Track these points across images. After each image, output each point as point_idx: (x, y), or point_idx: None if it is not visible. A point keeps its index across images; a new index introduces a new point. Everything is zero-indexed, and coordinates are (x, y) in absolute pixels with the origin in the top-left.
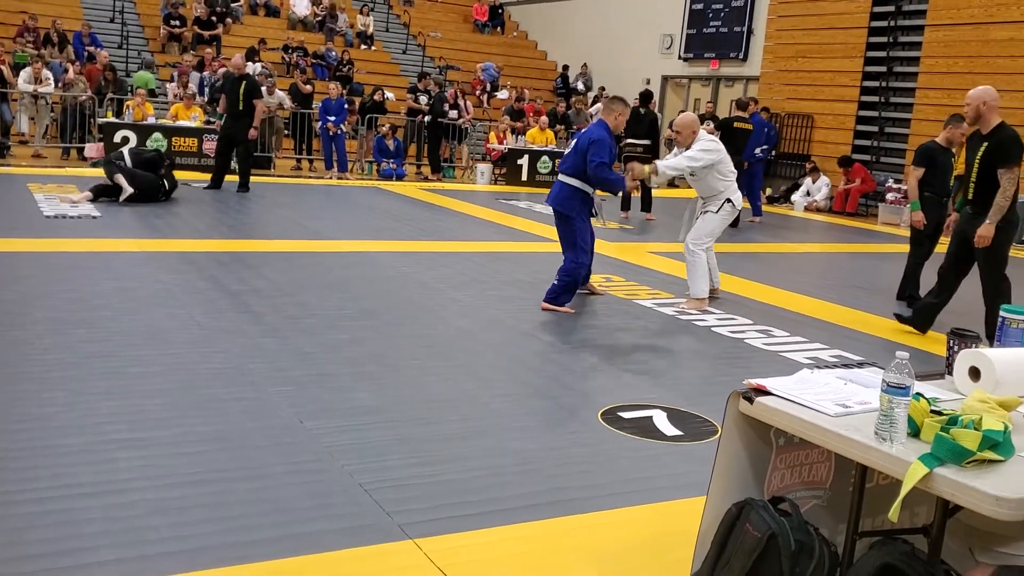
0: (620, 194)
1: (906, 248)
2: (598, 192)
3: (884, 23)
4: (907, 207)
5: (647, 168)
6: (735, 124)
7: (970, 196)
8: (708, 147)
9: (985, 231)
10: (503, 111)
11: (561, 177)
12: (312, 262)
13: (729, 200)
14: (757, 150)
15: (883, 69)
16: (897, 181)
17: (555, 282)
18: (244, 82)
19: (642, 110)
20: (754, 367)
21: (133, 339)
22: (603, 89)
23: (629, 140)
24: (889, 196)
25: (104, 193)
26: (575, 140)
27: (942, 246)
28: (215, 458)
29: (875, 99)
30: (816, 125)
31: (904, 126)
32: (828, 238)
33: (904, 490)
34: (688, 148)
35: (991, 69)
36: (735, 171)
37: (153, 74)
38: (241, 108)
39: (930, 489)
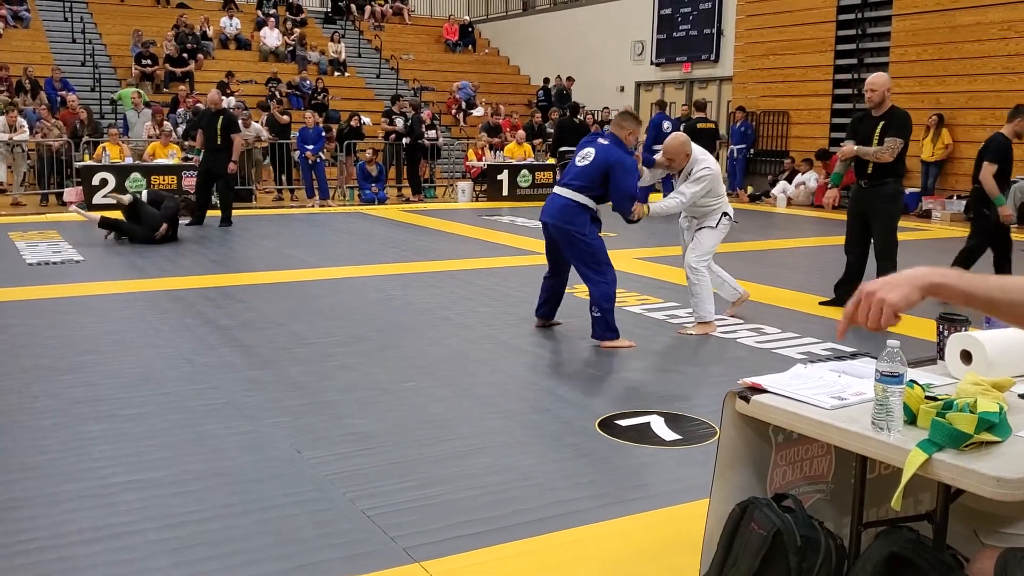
0: None
1: None
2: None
3: (852, 16)
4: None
5: (645, 209)
6: (699, 125)
7: (869, 171)
8: (700, 175)
9: (847, 149)
10: (480, 128)
11: (565, 192)
12: (299, 291)
13: (726, 213)
14: (734, 150)
15: (854, 61)
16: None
17: (595, 315)
18: (221, 117)
19: (575, 120)
20: (748, 366)
21: (124, 381)
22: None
23: (564, 148)
24: None
25: (106, 226)
26: (590, 153)
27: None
28: (216, 494)
29: (848, 91)
30: (792, 121)
31: None
32: (812, 232)
33: (904, 478)
34: (681, 172)
35: (960, 54)
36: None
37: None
38: (219, 143)
39: (930, 475)
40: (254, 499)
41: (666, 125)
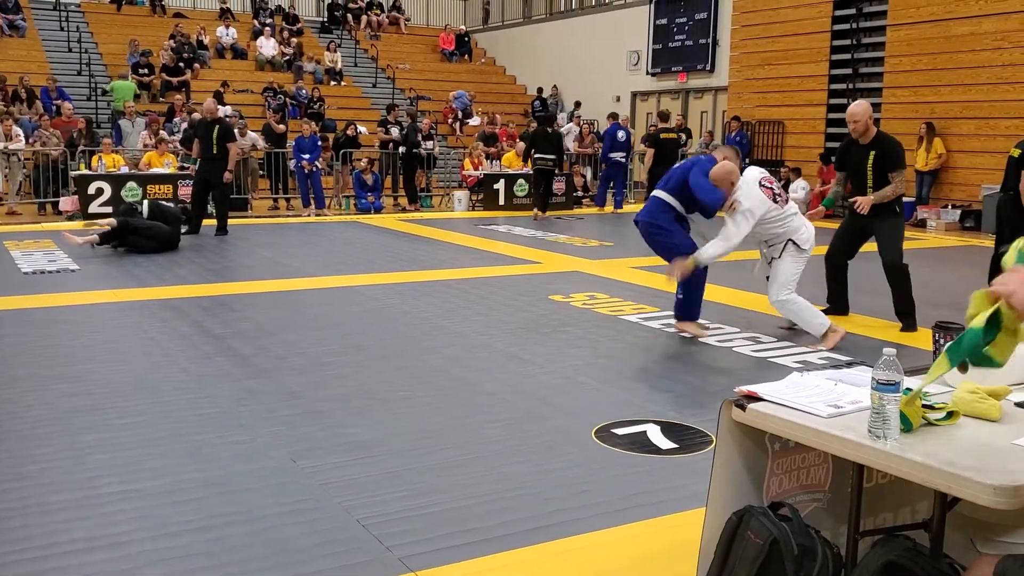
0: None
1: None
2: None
3: (847, 26)
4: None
5: (691, 263)
6: (662, 136)
7: (869, 187)
8: (737, 211)
9: (865, 200)
10: (476, 137)
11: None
12: (295, 300)
13: (792, 240)
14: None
15: (849, 71)
16: None
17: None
18: (217, 126)
19: (548, 129)
20: (744, 375)
21: (119, 390)
22: (578, 104)
23: (538, 155)
24: None
25: (108, 239)
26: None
27: None
28: (211, 504)
29: (843, 101)
30: (787, 131)
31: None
32: None
33: (928, 379)
34: (728, 201)
35: (954, 64)
36: (785, 210)
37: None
38: (215, 152)
39: (927, 483)
40: (249, 508)
41: (620, 135)
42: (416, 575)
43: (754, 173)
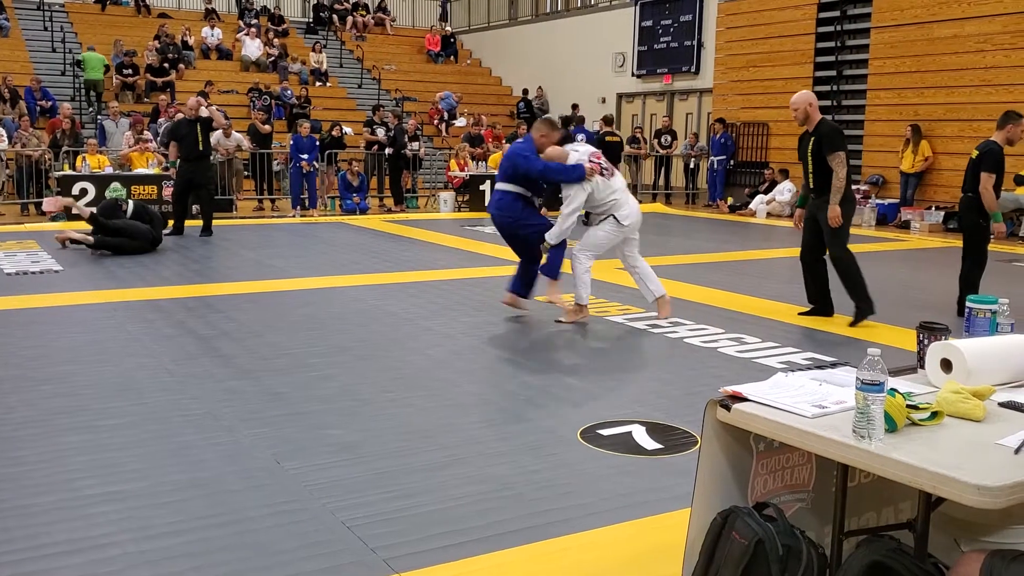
0: None
1: (865, 247)
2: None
3: (831, 28)
4: (867, 208)
5: (546, 244)
6: (607, 139)
7: (812, 185)
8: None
9: (832, 212)
10: (462, 138)
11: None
12: (280, 301)
13: (613, 215)
14: (714, 161)
15: (833, 73)
16: (854, 183)
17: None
18: (199, 124)
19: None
20: (729, 375)
21: (103, 391)
22: (576, 107)
23: None
24: None
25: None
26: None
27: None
28: (194, 506)
29: (827, 103)
30: (772, 132)
31: (858, 127)
32: (792, 243)
33: None
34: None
35: (938, 66)
36: (612, 184)
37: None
38: (201, 149)
39: (912, 483)
40: (233, 510)
41: (580, 137)
42: None
43: (583, 149)
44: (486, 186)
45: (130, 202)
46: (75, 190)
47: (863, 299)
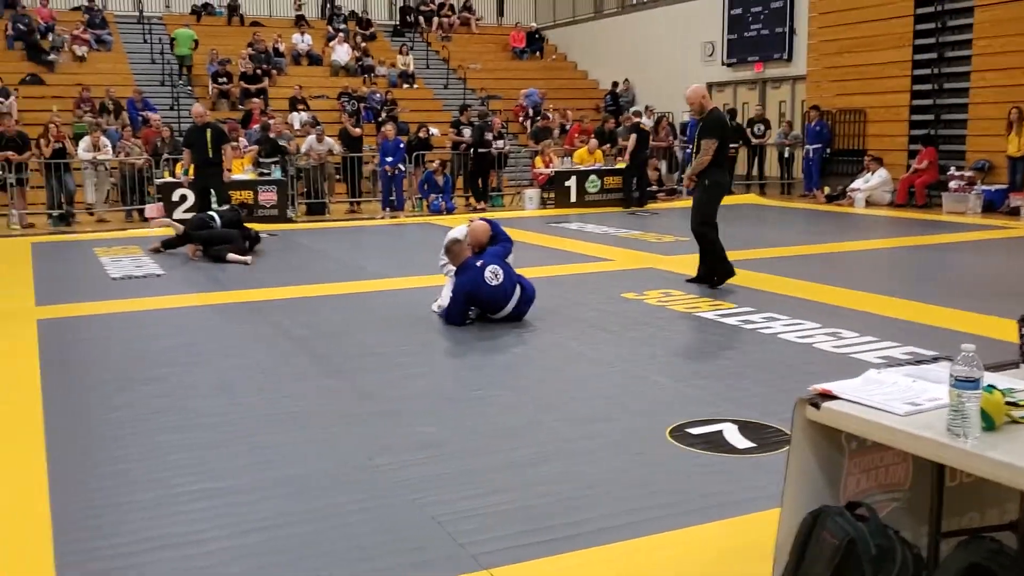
0: None
1: (970, 236)
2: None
3: (931, 8)
4: (972, 194)
5: None
6: (640, 126)
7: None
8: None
9: (687, 180)
10: (528, 133)
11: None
12: (371, 301)
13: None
14: (809, 150)
15: (934, 56)
16: (959, 168)
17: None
18: (209, 130)
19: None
20: (824, 371)
21: (201, 391)
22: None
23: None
24: (952, 184)
25: (171, 245)
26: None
27: None
28: (287, 502)
29: (928, 87)
30: (869, 119)
31: (962, 111)
32: (892, 232)
33: None
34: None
35: None
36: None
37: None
38: (211, 156)
39: (1011, 482)
40: (325, 506)
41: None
42: (489, 572)
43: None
44: (571, 182)
45: (216, 217)
46: (175, 196)
47: (712, 268)
